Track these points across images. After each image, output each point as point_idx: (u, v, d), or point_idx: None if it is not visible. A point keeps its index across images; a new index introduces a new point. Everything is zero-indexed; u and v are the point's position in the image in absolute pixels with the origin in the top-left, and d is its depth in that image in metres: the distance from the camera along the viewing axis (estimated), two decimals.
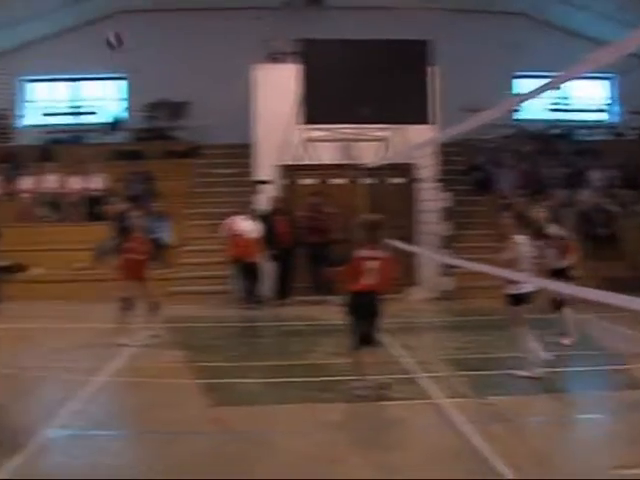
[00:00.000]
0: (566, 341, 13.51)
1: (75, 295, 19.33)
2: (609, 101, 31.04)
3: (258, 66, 21.44)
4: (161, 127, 28.19)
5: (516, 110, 27.60)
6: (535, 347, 11.36)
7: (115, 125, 28.73)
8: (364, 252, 10.51)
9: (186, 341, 14.93)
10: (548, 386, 10.93)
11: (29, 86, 30.05)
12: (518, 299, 11.34)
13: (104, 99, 29.80)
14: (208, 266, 20.99)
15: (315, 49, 19.93)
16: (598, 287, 8.03)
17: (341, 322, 11.12)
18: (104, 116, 29.34)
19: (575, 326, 13.60)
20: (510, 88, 27.12)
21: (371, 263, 10.45)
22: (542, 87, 7.86)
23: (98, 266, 15.46)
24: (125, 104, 29.35)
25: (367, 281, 10.43)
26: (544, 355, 11.37)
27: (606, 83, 30.93)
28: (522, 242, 11.56)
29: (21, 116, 29.47)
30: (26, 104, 29.85)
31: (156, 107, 27.95)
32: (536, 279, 11.08)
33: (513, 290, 11.29)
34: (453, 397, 10.28)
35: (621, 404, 10.20)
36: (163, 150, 26.99)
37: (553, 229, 13.89)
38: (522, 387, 11.02)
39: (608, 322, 15.50)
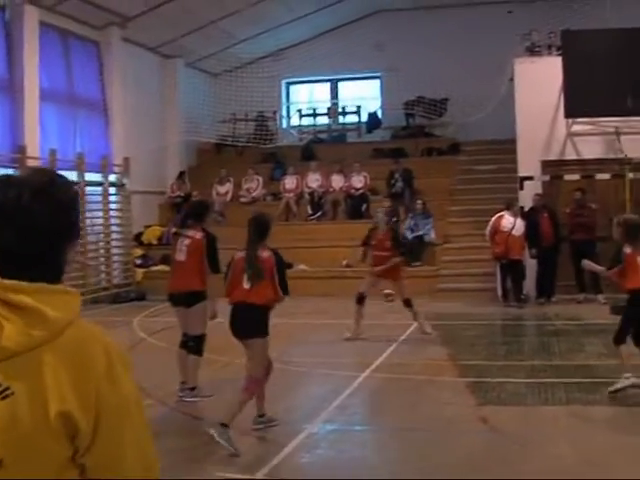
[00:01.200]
0: None
1: (338, 291, 19.67)
2: None
3: (518, 60, 21.20)
4: (420, 124, 28.35)
5: None
6: None
7: (374, 123, 29.11)
8: (629, 249, 10.22)
9: (450, 338, 14.99)
10: None
11: (290, 88, 30.97)
12: None
13: (363, 98, 30.23)
14: (471, 263, 21.00)
15: (576, 40, 19.64)
16: None
17: (607, 322, 10.83)
18: (363, 115, 29.78)
19: None
20: None
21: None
22: None
23: (363, 263, 15.61)
24: (383, 102, 29.69)
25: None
26: None
27: None
28: None
29: (284, 117, 30.37)
30: (288, 106, 30.76)
31: (415, 104, 28.10)
32: None
33: None
34: None
35: None
36: (423, 147, 27.16)
37: None
38: None
39: None
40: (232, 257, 9.02)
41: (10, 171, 16.74)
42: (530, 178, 20.28)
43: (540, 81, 20.27)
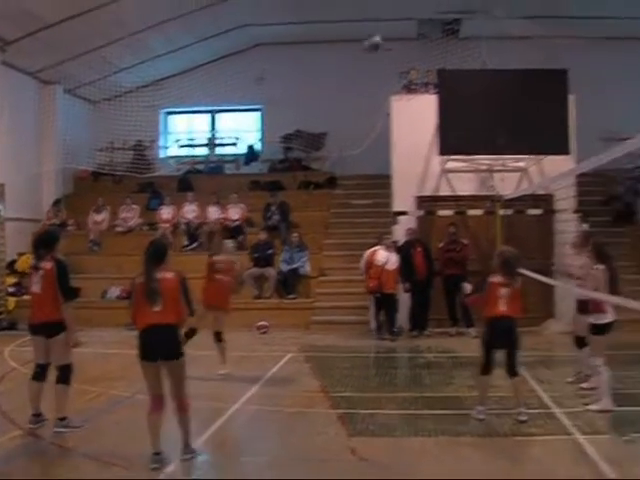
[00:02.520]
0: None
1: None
2: None
3: (395, 97, 21.53)
4: (298, 158, 28.55)
5: None
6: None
7: (252, 156, 29.20)
8: (497, 278, 10.84)
9: (323, 370, 15.02)
10: None
11: (169, 118, 30.88)
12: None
13: (241, 130, 30.32)
14: (346, 296, 21.17)
15: (451, 79, 20.01)
16: None
17: (477, 354, 11.14)
18: (241, 147, 29.86)
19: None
20: None
21: (504, 290, 10.78)
22: None
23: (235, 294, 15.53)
24: (261, 135, 29.82)
25: (502, 308, 10.77)
26: None
27: None
28: None
29: (162, 147, 30.24)
30: (166, 136, 30.65)
31: (293, 138, 28.30)
32: None
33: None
34: (592, 434, 10.05)
35: None
36: (300, 181, 27.33)
37: None
38: None
39: None
40: (132, 283, 9.03)
41: None
42: (404, 213, 20.61)
43: (416, 118, 20.63)
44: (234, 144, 30.27)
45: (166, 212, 25.17)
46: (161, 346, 8.69)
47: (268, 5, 25.08)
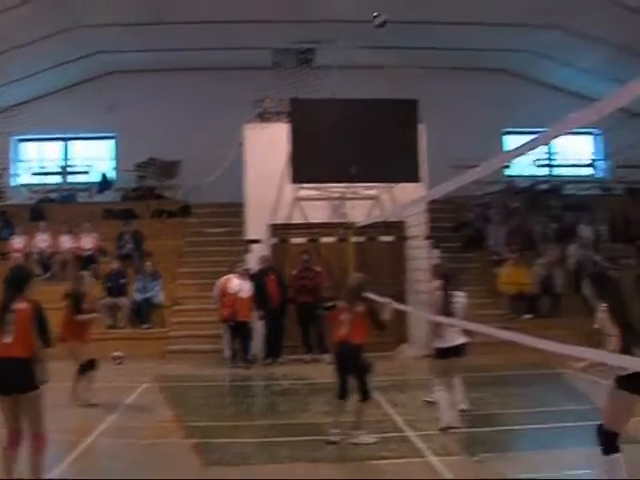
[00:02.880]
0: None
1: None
2: (596, 156, 31.35)
3: (249, 125, 21.59)
4: (151, 186, 28.33)
5: (505, 166, 27.83)
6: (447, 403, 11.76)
7: (105, 184, 28.86)
8: (342, 304, 11.29)
9: (177, 400, 14.88)
10: (539, 443, 10.96)
11: (21, 145, 30.26)
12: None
13: (94, 158, 29.94)
14: (200, 325, 21.03)
15: (304, 108, 20.15)
16: (586, 340, 8.12)
17: (332, 380, 11.27)
18: (94, 175, 29.46)
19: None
20: (500, 145, 27.36)
21: (346, 315, 11.16)
22: (530, 143, 8.00)
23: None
24: (115, 163, 29.51)
25: (343, 333, 11.15)
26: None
27: (593, 138, 31.31)
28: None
29: (14, 175, 29.62)
30: (18, 164, 30.01)
31: (146, 166, 28.10)
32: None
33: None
34: (444, 455, 10.28)
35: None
36: (154, 209, 27.11)
37: None
38: (513, 444, 11.10)
39: (592, 376, 15.55)
40: None
41: None
42: (257, 241, 20.64)
43: (269, 146, 20.71)
44: (87, 172, 29.83)
45: (17, 242, 24.53)
46: (12, 379, 8.42)
47: (120, 33, 24.83)
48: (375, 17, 20.46)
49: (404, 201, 18.91)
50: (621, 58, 24.75)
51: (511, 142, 28.29)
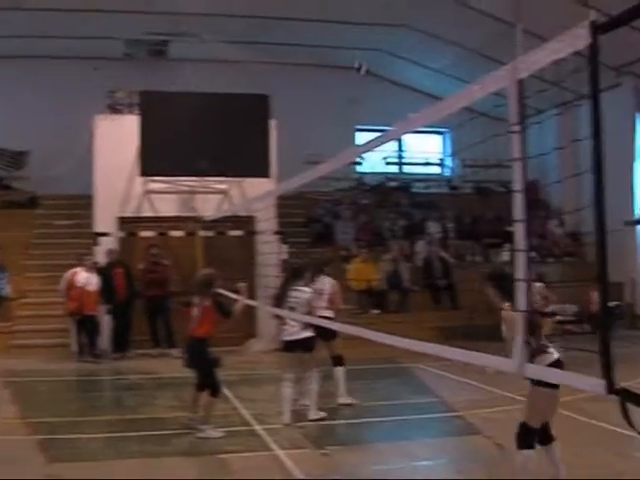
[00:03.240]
0: (347, 400, 13.39)
1: None
2: (444, 154, 32.02)
3: (99, 117, 21.35)
4: None
5: (355, 163, 28.19)
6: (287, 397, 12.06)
7: None
8: (194, 300, 11.34)
9: (22, 396, 14.59)
10: (386, 435, 11.21)
11: None
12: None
13: None
14: (47, 319, 20.65)
15: (154, 101, 20.07)
16: (434, 336, 8.42)
17: (180, 375, 11.31)
18: None
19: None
20: (353, 141, 27.69)
21: (195, 310, 11.28)
22: (376, 140, 8.19)
23: None
24: None
25: (191, 328, 11.30)
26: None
27: (441, 137, 31.99)
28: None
29: None
30: None
31: None
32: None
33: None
34: (291, 448, 10.42)
35: (455, 451, 10.59)
36: (1, 200, 26.49)
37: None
38: (361, 436, 11.33)
39: (439, 370, 16.00)
40: None
41: None
42: (106, 234, 20.39)
43: (119, 139, 20.52)
44: None
45: None
46: None
47: None
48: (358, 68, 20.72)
49: (254, 195, 19.00)
50: (470, 60, 25.40)
51: (363, 139, 28.62)
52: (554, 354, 7.77)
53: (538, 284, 14.24)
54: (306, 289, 12.48)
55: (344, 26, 25.27)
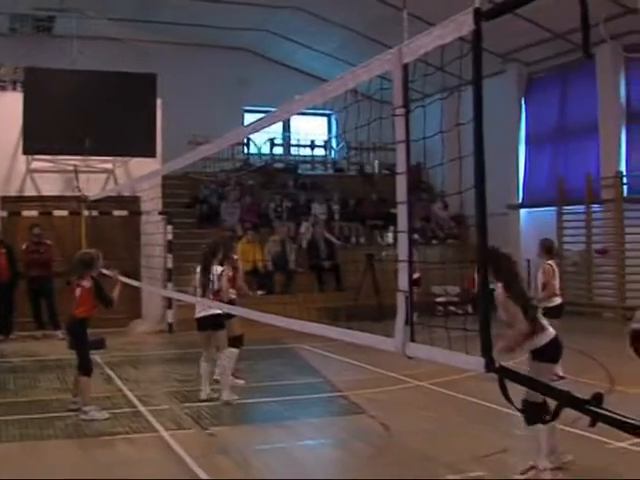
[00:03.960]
0: (240, 381, 13.40)
1: None
2: (329, 137, 32.20)
3: None
4: None
5: (242, 144, 28.18)
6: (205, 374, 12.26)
7: None
8: (76, 281, 11.29)
9: None
10: (271, 415, 11.28)
11: None
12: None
13: None
14: None
15: (39, 78, 19.72)
16: (318, 317, 8.48)
17: (65, 357, 11.22)
18: None
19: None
20: (241, 122, 27.67)
21: (77, 291, 11.24)
22: (262, 121, 8.22)
23: None
24: None
25: (73, 308, 11.27)
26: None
27: (327, 119, 32.16)
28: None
29: None
30: None
31: None
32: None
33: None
34: (175, 429, 10.42)
35: (341, 430, 10.70)
36: None
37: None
38: (247, 416, 11.39)
39: (324, 351, 16.15)
40: None
41: None
42: None
43: (2, 116, 20.10)
44: None
45: None
46: None
47: None
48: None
49: (139, 175, 18.88)
50: (358, 43, 25.61)
51: (251, 120, 28.57)
52: (552, 333, 7.98)
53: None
54: (219, 268, 12.51)
55: (232, 6, 25.20)
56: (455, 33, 4.51)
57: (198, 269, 12.54)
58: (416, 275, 15.83)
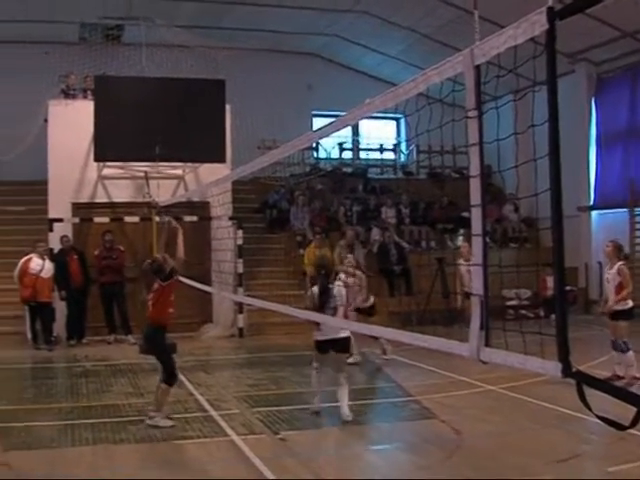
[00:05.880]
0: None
1: None
2: (399, 140, 32.08)
3: (53, 101, 21.15)
4: None
5: (311, 148, 28.20)
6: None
7: None
8: (153, 287, 11.35)
9: None
10: (341, 419, 11.21)
11: None
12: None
13: None
14: (1, 306, 20.47)
15: (109, 85, 19.91)
16: (389, 321, 8.41)
17: (136, 361, 11.28)
18: None
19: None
20: (310, 127, 27.68)
21: (150, 297, 11.36)
22: (331, 126, 8.17)
23: None
24: None
25: (149, 313, 11.35)
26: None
27: (397, 123, 32.05)
28: None
29: None
30: None
31: None
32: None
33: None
34: (247, 434, 10.42)
35: (412, 435, 10.62)
36: None
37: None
38: (317, 421, 11.35)
39: (396, 355, 16.06)
40: None
41: None
42: (60, 220, 20.20)
43: (74, 124, 20.34)
44: None
45: None
46: None
47: None
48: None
49: (209, 181, 18.94)
50: (425, 46, 25.50)
51: (320, 125, 28.56)
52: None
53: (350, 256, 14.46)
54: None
55: (298, 11, 25.28)
56: (528, 33, 4.43)
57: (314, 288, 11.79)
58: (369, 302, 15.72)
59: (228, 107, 20.68)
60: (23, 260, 19.21)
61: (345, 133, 29.27)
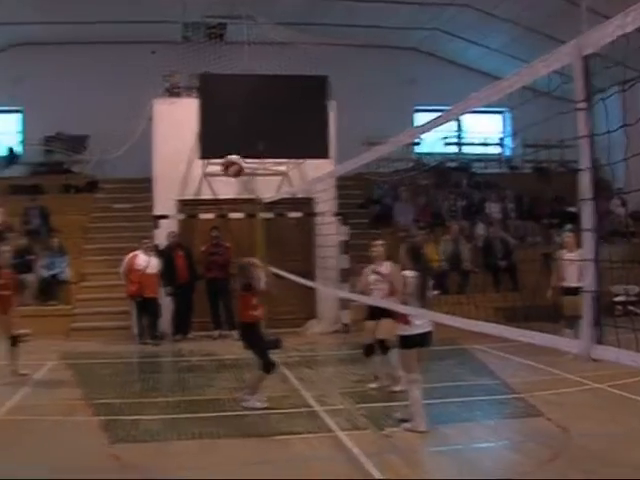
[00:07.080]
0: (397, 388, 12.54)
1: None
2: (504, 134, 31.74)
3: (158, 100, 21.42)
4: (59, 161, 27.87)
5: (414, 144, 28.05)
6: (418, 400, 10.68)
7: (11, 159, 28.28)
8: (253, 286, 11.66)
9: (84, 378, 14.74)
10: (447, 416, 11.12)
11: None
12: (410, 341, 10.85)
13: (1, 133, 29.20)
14: (107, 302, 20.86)
15: (212, 83, 20.03)
16: (494, 317, 8.30)
17: (240, 356, 11.39)
18: (1, 149, 28.78)
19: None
20: (411, 122, 27.54)
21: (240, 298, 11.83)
22: (435, 121, 8.08)
23: None
24: (21, 137, 28.89)
25: (254, 312, 11.74)
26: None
27: (502, 117, 31.70)
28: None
29: None
30: None
31: (53, 140, 27.63)
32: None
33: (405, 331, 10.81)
34: (351, 429, 10.39)
35: (517, 432, 10.46)
36: (61, 184, 26.70)
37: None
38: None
39: (501, 352, 15.88)
40: None
41: None
42: (165, 217, 20.44)
43: (178, 122, 20.56)
44: None
45: None
46: None
47: (24, 4, 24.34)
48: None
49: (313, 177, 18.96)
50: (528, 39, 25.13)
51: (422, 119, 28.45)
52: None
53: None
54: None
55: (399, 6, 25.21)
56: (637, 21, 4.29)
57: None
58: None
59: (332, 103, 20.65)
60: (129, 256, 19.51)
61: (449, 127, 29.02)
